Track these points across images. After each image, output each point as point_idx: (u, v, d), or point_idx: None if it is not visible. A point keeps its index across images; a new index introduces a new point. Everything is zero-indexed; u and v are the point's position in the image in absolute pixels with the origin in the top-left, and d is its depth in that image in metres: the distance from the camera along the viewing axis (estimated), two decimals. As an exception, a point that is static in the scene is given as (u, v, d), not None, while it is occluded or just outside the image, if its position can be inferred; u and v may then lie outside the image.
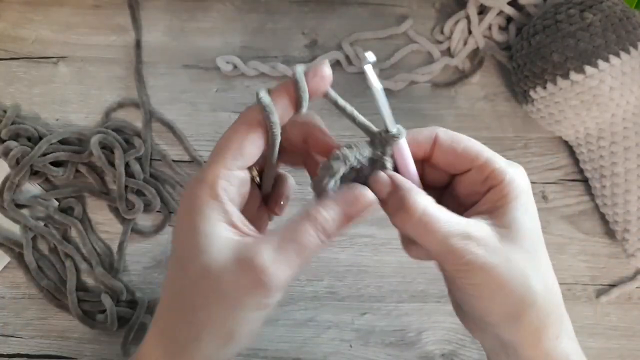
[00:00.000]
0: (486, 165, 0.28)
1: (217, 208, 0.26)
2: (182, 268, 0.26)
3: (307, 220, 0.26)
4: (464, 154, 0.29)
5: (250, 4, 0.52)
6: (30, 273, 0.45)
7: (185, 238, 0.26)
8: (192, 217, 0.26)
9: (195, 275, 0.26)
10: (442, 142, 0.29)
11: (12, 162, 0.46)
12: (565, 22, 0.43)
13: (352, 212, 0.27)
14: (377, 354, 0.45)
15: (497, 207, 0.27)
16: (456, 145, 0.29)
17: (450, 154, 0.29)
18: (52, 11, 0.52)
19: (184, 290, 0.26)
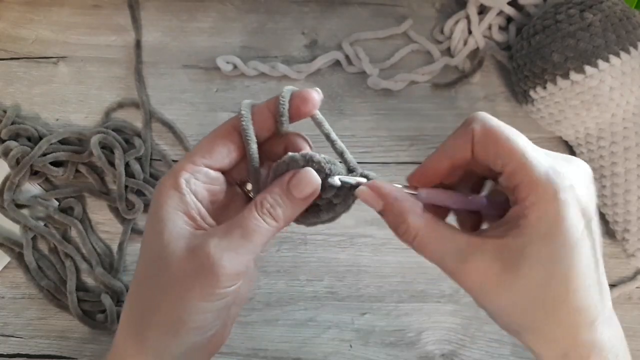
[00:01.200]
0: (516, 174, 0.24)
1: (176, 197, 0.27)
2: (144, 252, 0.28)
3: (252, 206, 0.27)
4: (495, 154, 0.25)
5: (250, 4, 0.52)
6: (30, 273, 0.45)
7: (148, 223, 0.28)
8: (154, 204, 0.27)
9: (152, 260, 0.27)
10: (476, 139, 0.25)
11: (12, 162, 0.46)
12: (565, 22, 0.43)
13: (298, 194, 0.27)
14: (377, 354, 0.45)
15: (516, 227, 0.24)
16: (489, 144, 0.25)
17: (483, 152, 0.26)
18: (52, 11, 0.52)
19: (143, 273, 0.27)
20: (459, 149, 0.26)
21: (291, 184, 0.27)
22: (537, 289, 0.24)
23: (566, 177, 0.24)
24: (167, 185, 0.27)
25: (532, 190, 0.23)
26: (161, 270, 0.26)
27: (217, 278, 0.25)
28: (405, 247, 0.47)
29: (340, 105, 0.50)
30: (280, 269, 0.46)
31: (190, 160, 0.28)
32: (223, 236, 0.26)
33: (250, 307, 0.45)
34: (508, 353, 0.45)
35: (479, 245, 0.25)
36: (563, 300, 0.24)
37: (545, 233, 0.23)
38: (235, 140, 0.28)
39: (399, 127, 0.50)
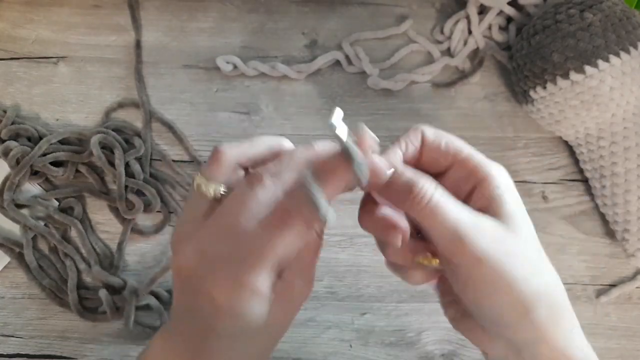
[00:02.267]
0: (468, 160, 0.28)
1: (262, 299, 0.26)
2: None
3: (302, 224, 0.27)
4: (446, 149, 0.29)
5: (250, 4, 0.52)
6: (31, 272, 0.45)
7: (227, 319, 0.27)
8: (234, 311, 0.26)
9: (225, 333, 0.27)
10: (428, 139, 0.29)
11: (12, 162, 0.46)
12: (565, 22, 0.43)
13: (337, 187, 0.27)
14: (377, 354, 0.45)
15: (492, 201, 0.27)
16: (439, 141, 0.29)
17: (434, 150, 0.29)
18: (52, 11, 0.52)
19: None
20: (410, 145, 0.30)
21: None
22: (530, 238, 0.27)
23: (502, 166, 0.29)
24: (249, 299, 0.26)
25: (491, 167, 0.28)
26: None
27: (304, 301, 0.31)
28: (405, 247, 0.47)
29: (340, 105, 0.50)
30: (280, 269, 0.46)
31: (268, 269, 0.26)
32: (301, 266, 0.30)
33: (250, 307, 0.45)
34: (508, 353, 0.45)
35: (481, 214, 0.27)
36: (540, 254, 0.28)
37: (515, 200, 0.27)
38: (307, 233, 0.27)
39: (399, 127, 0.50)
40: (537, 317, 0.26)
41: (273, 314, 0.27)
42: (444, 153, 0.29)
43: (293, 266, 0.28)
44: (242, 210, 0.26)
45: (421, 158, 0.30)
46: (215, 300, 0.26)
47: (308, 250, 0.29)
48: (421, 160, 0.30)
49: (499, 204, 0.27)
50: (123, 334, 0.45)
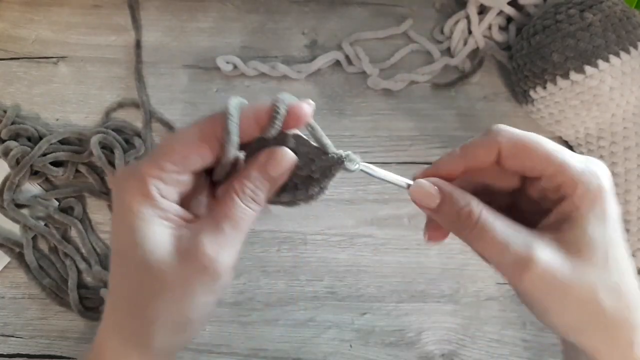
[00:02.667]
0: (557, 175, 0.26)
1: (149, 204, 0.26)
2: (123, 264, 0.27)
3: (233, 193, 0.27)
4: (531, 163, 0.26)
5: (250, 4, 0.52)
6: (31, 272, 0.45)
7: (122, 235, 0.26)
8: (126, 214, 0.26)
9: (136, 271, 0.26)
10: (505, 152, 0.27)
11: (12, 162, 0.46)
12: (565, 22, 0.43)
13: (272, 172, 0.27)
14: (377, 354, 0.45)
15: (568, 220, 0.25)
16: (522, 155, 0.26)
17: (516, 163, 0.27)
18: (52, 11, 0.52)
19: (128, 285, 0.27)
20: (479, 157, 0.27)
21: (267, 163, 0.27)
22: (600, 273, 0.25)
23: (600, 168, 0.26)
24: (135, 192, 0.26)
25: (579, 185, 0.25)
26: (153, 278, 0.26)
27: (217, 274, 0.26)
28: (405, 247, 0.47)
29: (340, 105, 0.50)
30: (280, 269, 0.46)
31: (159, 166, 0.26)
32: (213, 231, 0.26)
33: (250, 307, 0.45)
34: (508, 353, 0.45)
35: (542, 235, 0.25)
36: (620, 282, 0.25)
37: (599, 219, 0.25)
38: (212, 149, 0.27)
39: (399, 127, 0.50)
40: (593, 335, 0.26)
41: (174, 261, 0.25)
42: (528, 167, 0.26)
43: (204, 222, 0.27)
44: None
45: (504, 166, 0.27)
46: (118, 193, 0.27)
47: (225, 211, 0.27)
48: (505, 168, 0.27)
49: (573, 225, 0.25)
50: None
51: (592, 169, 0.26)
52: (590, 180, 0.25)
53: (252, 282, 0.46)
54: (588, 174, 0.25)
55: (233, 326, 0.45)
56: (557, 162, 0.26)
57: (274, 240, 0.47)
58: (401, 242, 0.47)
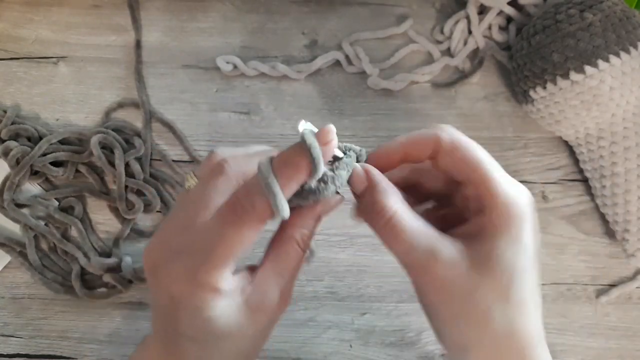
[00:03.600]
0: (481, 184, 0.25)
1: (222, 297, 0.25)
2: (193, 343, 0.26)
3: (295, 244, 0.27)
4: (462, 164, 0.26)
5: (250, 4, 0.52)
6: (35, 270, 0.45)
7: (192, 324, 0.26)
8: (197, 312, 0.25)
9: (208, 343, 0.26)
10: (442, 149, 0.27)
11: (12, 162, 0.46)
12: (565, 22, 0.43)
13: (323, 213, 0.28)
14: (377, 354, 0.45)
15: (482, 233, 0.25)
16: (456, 154, 0.26)
17: (448, 162, 0.27)
18: (52, 11, 0.52)
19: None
20: (418, 148, 0.27)
21: (325, 212, 0.28)
22: (500, 295, 0.24)
23: (525, 194, 0.26)
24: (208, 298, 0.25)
25: (499, 203, 0.25)
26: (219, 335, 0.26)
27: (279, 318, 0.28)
28: (405, 247, 0.47)
29: (340, 105, 0.50)
30: (280, 269, 0.46)
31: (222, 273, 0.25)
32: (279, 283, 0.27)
33: (250, 307, 0.45)
34: (508, 353, 0.45)
35: (451, 242, 0.25)
36: (519, 313, 0.25)
37: (512, 241, 0.25)
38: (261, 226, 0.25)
39: (399, 127, 0.50)
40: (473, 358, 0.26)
41: (244, 320, 0.26)
42: (458, 167, 0.26)
43: (267, 273, 0.27)
44: (201, 200, 0.25)
45: (437, 163, 0.27)
46: (172, 295, 0.25)
47: (286, 260, 0.27)
48: (438, 165, 0.27)
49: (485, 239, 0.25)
50: (123, 333, 0.45)
51: (517, 194, 0.25)
52: (512, 202, 0.25)
53: (252, 282, 0.46)
54: (512, 196, 0.25)
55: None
56: (485, 171, 0.26)
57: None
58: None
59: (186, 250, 0.25)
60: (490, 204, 0.25)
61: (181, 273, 0.25)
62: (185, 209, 0.27)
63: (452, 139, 0.26)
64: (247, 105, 0.50)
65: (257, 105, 0.50)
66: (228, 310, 0.26)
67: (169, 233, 0.26)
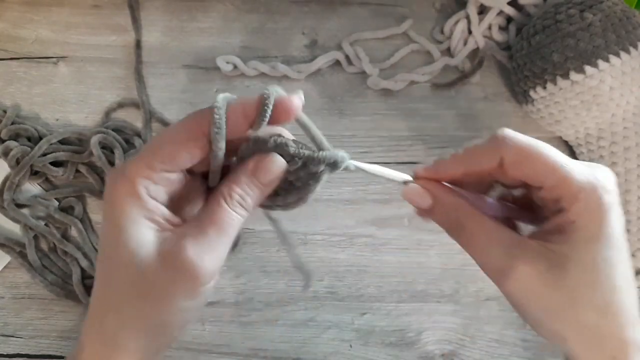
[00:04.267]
0: (557, 188, 0.25)
1: (137, 204, 0.25)
2: (107, 262, 0.27)
3: (220, 199, 0.26)
4: (532, 173, 0.26)
5: (250, 4, 0.52)
6: (35, 270, 0.45)
7: (108, 233, 0.26)
8: (113, 213, 0.26)
9: (119, 270, 0.26)
10: (507, 161, 0.26)
11: (12, 162, 0.46)
12: (565, 22, 0.43)
13: (262, 179, 0.27)
14: (377, 354, 0.45)
15: (561, 233, 0.25)
16: (524, 164, 0.26)
17: (518, 172, 0.26)
18: (52, 11, 0.52)
19: (110, 283, 0.26)
20: (482, 163, 0.27)
21: (257, 169, 0.27)
22: (584, 290, 0.25)
23: (603, 183, 0.25)
24: (123, 192, 0.26)
25: (577, 200, 0.25)
26: (134, 279, 0.25)
27: (200, 279, 0.25)
28: (405, 247, 0.47)
29: (340, 105, 0.50)
30: (280, 269, 0.46)
31: (148, 164, 0.26)
32: (198, 236, 0.26)
33: (250, 307, 0.45)
34: (508, 353, 0.45)
35: (527, 244, 0.26)
36: (610, 301, 0.25)
37: (592, 237, 0.25)
38: (200, 145, 0.26)
39: (399, 127, 0.50)
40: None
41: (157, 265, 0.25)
42: (530, 177, 0.26)
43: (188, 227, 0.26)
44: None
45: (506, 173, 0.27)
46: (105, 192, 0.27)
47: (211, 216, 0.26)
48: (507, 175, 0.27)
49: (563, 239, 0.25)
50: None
51: (595, 183, 0.25)
52: (590, 197, 0.25)
53: (252, 282, 0.46)
54: (589, 190, 0.25)
55: (233, 326, 0.45)
56: (558, 174, 0.25)
57: (274, 240, 0.47)
58: (401, 242, 0.47)
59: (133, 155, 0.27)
60: (568, 205, 0.25)
61: (117, 167, 0.27)
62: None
63: (516, 150, 0.26)
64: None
65: (257, 105, 0.50)
66: (139, 231, 0.25)
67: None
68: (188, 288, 0.26)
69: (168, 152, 0.26)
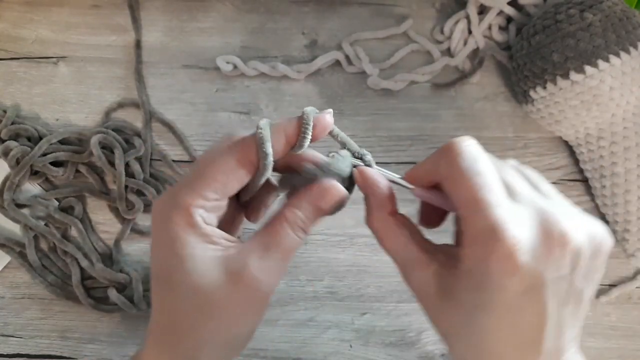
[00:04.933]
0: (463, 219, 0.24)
1: (197, 233, 0.26)
2: (171, 290, 0.27)
3: (284, 222, 0.27)
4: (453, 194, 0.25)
5: (250, 4, 0.52)
6: (35, 271, 0.45)
7: (168, 263, 0.27)
8: (173, 244, 0.26)
9: (186, 296, 0.26)
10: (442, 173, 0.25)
11: (12, 162, 0.46)
12: (565, 22, 0.43)
13: (324, 205, 0.28)
14: (377, 354, 0.45)
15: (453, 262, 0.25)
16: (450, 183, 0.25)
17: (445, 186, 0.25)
18: (52, 11, 0.52)
19: (177, 311, 0.27)
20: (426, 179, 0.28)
21: (320, 197, 0.28)
22: (463, 325, 0.25)
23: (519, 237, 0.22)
24: (182, 223, 0.26)
25: (471, 241, 0.23)
26: (204, 300, 0.26)
27: (265, 297, 0.27)
28: (405, 247, 0.47)
29: (340, 105, 0.50)
30: (280, 269, 0.46)
31: (201, 195, 0.26)
32: (263, 256, 0.27)
33: (250, 307, 0.45)
34: (508, 353, 0.45)
35: (425, 263, 0.26)
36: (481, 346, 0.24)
37: (474, 283, 0.23)
38: (248, 174, 0.27)
39: (399, 127, 0.50)
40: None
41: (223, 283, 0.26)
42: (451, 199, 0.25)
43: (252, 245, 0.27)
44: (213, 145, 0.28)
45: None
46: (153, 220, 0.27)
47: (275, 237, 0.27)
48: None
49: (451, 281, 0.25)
50: (122, 334, 0.45)
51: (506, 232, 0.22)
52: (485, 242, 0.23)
53: (252, 282, 0.46)
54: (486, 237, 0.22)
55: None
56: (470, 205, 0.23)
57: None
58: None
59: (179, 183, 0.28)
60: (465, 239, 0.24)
61: (165, 196, 0.27)
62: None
63: (450, 166, 0.25)
64: (247, 105, 0.50)
65: (257, 106, 0.50)
66: (203, 257, 0.26)
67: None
68: (256, 305, 0.27)
69: (220, 182, 0.27)
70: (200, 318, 0.27)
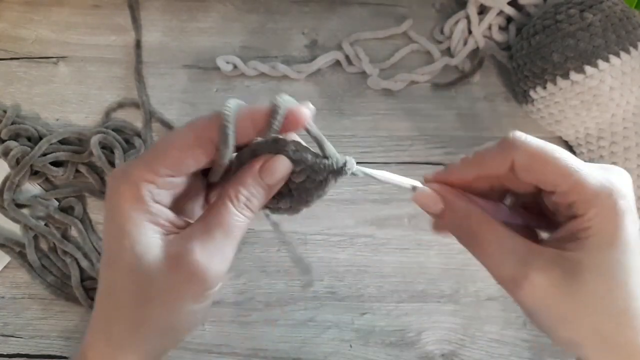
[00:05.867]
0: (570, 193, 0.25)
1: (141, 209, 0.25)
2: (113, 267, 0.26)
3: (227, 200, 0.26)
4: (544, 178, 0.25)
5: (250, 4, 0.52)
6: (34, 271, 0.45)
7: (112, 237, 0.26)
8: (117, 217, 0.26)
9: (126, 275, 0.26)
10: (518, 165, 0.26)
11: (12, 162, 0.46)
12: (565, 22, 0.43)
13: (269, 180, 0.27)
14: (377, 354, 0.45)
15: (575, 240, 0.25)
16: (535, 169, 0.25)
17: (529, 176, 0.26)
18: (52, 11, 0.52)
19: (116, 288, 0.26)
20: (493, 168, 0.27)
21: (263, 170, 0.26)
22: (600, 297, 0.24)
23: (618, 187, 0.24)
24: (128, 197, 0.25)
25: (591, 206, 0.24)
26: (140, 283, 0.25)
27: (207, 282, 0.25)
28: (405, 247, 0.47)
29: (340, 105, 0.50)
30: (280, 269, 0.46)
31: (152, 169, 0.25)
32: (205, 239, 0.25)
33: (250, 307, 0.45)
34: (508, 353, 0.45)
35: (540, 252, 0.25)
36: (625, 308, 0.24)
37: (607, 243, 0.24)
38: (207, 151, 0.26)
39: (399, 127, 0.50)
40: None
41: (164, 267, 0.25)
42: (543, 183, 0.25)
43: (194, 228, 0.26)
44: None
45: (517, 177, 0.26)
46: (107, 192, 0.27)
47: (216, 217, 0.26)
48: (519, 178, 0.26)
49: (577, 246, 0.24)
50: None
51: (610, 188, 0.24)
52: (604, 202, 0.24)
53: (252, 282, 0.46)
54: (604, 195, 0.24)
55: (233, 326, 0.45)
56: (571, 179, 0.24)
57: (273, 240, 0.47)
58: (401, 242, 0.47)
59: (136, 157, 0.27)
60: (582, 211, 0.24)
61: (119, 169, 0.26)
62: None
63: (528, 154, 0.25)
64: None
65: (257, 105, 0.50)
66: (145, 236, 0.25)
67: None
68: (195, 291, 0.26)
69: (174, 158, 0.26)
70: (136, 299, 0.26)
